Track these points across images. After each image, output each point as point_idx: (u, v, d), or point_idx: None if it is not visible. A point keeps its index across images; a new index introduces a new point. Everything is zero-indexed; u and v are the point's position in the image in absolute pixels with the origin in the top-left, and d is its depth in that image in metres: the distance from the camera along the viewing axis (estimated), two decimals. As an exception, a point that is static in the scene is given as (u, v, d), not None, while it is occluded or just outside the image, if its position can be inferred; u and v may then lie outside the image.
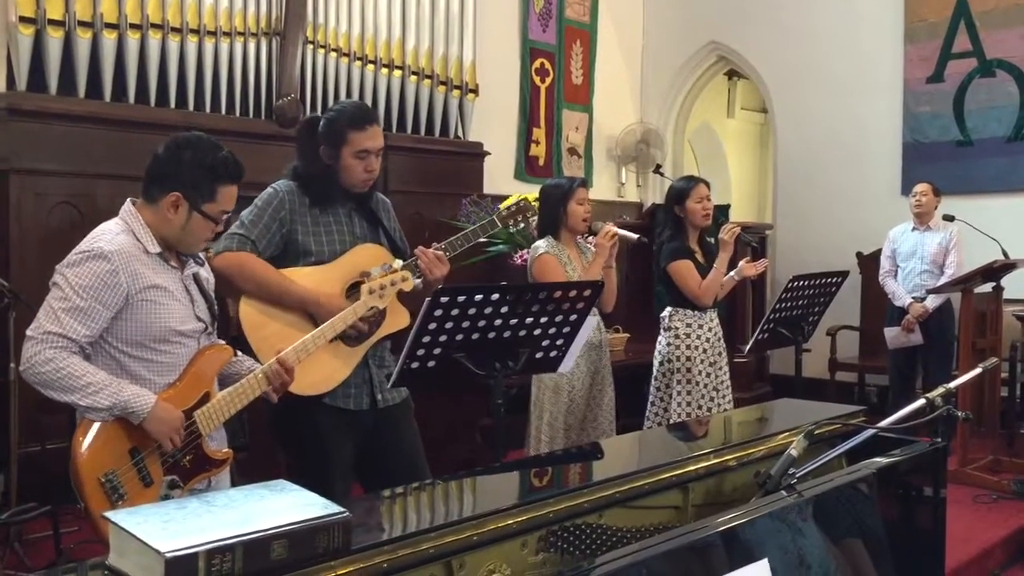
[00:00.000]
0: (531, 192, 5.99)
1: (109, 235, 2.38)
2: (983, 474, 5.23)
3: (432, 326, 2.61)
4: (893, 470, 2.02)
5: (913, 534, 2.11)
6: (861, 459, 2.05)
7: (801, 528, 1.71)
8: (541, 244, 4.17)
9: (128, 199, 2.48)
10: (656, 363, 4.45)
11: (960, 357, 5.43)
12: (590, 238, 4.27)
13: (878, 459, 2.01)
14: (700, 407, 4.31)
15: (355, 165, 3.00)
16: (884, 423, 2.13)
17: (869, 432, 2.02)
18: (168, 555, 1.08)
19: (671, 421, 4.31)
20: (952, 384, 2.28)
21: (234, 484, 2.74)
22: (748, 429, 2.16)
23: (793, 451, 1.79)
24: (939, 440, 2.19)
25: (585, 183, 4.26)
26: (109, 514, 1.17)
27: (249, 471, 2.83)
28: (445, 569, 1.38)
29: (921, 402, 2.19)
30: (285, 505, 1.25)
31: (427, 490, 1.64)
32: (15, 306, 3.83)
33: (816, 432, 1.87)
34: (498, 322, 2.69)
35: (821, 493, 1.75)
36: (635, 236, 4.18)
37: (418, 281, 3.00)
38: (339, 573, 1.22)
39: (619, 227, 4.11)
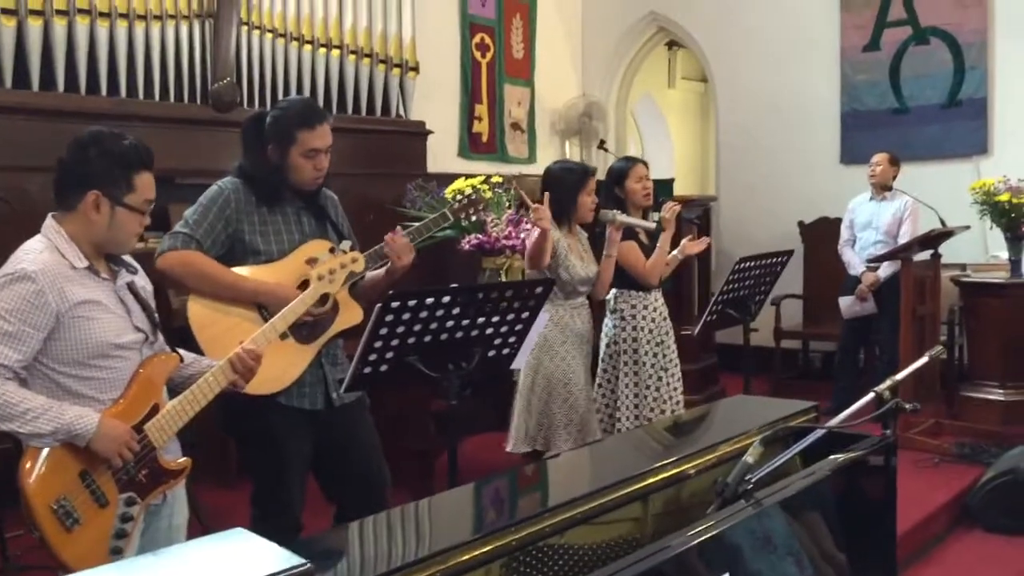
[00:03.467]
0: (476, 174, 5.98)
1: (32, 254, 2.30)
2: (924, 438, 5.34)
3: (384, 331, 2.58)
4: (846, 468, 2.06)
5: (866, 520, 2.16)
6: (814, 454, 2.09)
7: (767, 511, 1.74)
8: None
9: (49, 215, 2.39)
10: (603, 345, 4.46)
11: (902, 324, 5.52)
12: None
13: (834, 457, 2.05)
14: (648, 387, 4.33)
15: (304, 164, 2.95)
16: (835, 421, 2.18)
17: (821, 432, 2.06)
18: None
19: (618, 403, 4.32)
20: (899, 376, 2.34)
21: (188, 493, 2.69)
22: (704, 435, 2.18)
23: (749, 458, 1.82)
24: (888, 433, 2.24)
25: (595, 173, 4.23)
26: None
27: (199, 474, 2.75)
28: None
29: (870, 396, 2.24)
30: (245, 558, 1.22)
31: (383, 523, 1.62)
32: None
33: (769, 436, 1.90)
34: (450, 323, 2.67)
35: (779, 500, 1.78)
36: (652, 225, 4.17)
37: (379, 271, 2.96)
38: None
39: (630, 219, 4.12)
